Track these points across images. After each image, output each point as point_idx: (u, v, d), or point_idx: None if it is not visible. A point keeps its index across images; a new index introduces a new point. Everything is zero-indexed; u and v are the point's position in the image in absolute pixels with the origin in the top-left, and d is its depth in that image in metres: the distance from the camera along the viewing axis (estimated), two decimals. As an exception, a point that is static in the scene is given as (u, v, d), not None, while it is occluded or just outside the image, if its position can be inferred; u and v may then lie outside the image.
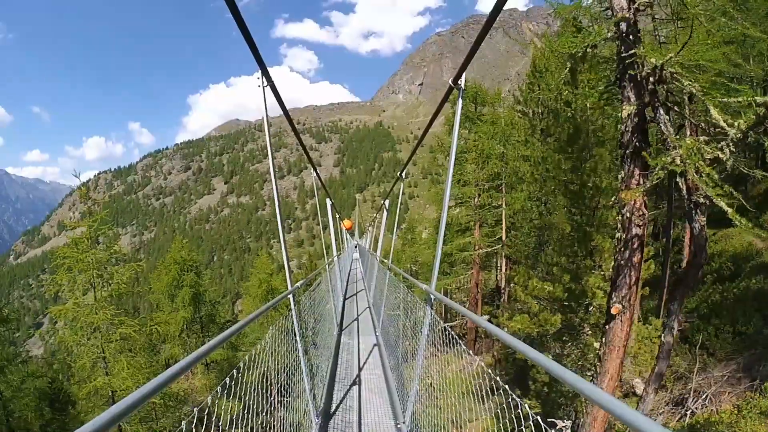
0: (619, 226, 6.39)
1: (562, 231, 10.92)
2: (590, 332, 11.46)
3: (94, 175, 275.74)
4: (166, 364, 23.69)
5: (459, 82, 3.45)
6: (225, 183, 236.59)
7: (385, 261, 10.54)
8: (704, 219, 5.68)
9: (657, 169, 5.29)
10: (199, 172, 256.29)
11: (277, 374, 3.96)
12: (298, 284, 4.84)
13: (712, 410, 10.89)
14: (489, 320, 24.99)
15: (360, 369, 7.44)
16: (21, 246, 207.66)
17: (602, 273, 10.68)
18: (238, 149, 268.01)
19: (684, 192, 5.54)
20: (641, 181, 6.13)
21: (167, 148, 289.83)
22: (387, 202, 12.08)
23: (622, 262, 6.26)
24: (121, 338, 12.36)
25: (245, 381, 2.66)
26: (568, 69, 8.16)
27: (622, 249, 6.31)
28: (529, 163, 20.04)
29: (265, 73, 3.58)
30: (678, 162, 5.08)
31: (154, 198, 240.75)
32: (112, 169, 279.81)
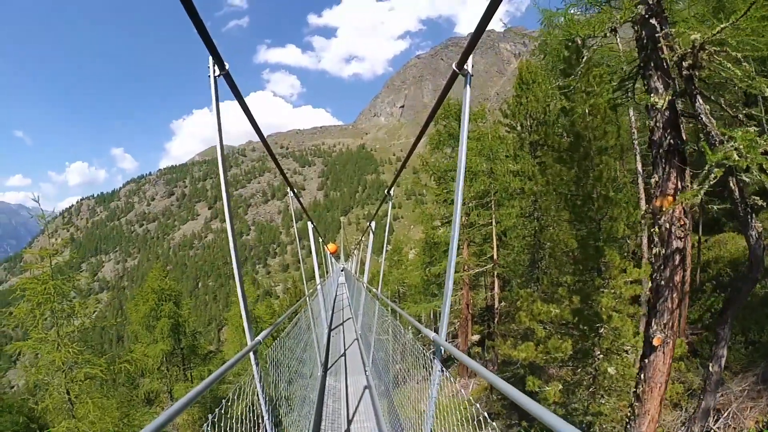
0: (656, 239, 5.34)
1: (565, 247, 9.92)
2: (602, 357, 10.42)
3: (77, 201, 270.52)
4: (146, 398, 22.11)
5: (465, 67, 2.97)
6: (209, 208, 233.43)
7: (373, 290, 9.50)
8: (761, 225, 4.66)
9: (709, 166, 4.26)
10: (182, 197, 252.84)
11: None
12: (259, 338, 3.81)
13: (735, 429, 9.92)
14: (475, 343, 23.93)
15: (349, 422, 6.23)
16: (2, 273, 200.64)
17: (613, 292, 9.67)
18: (230, 195, 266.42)
19: (736, 194, 4.53)
20: (678, 185, 5.12)
21: (150, 174, 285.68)
22: (373, 224, 11.14)
23: (662, 282, 5.20)
24: (86, 378, 11.14)
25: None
26: (562, 68, 7.22)
27: (661, 267, 5.26)
28: (519, 178, 19.17)
29: (218, 60, 2.89)
30: (736, 157, 4.07)
31: (137, 224, 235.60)
32: (95, 195, 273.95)
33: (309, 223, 11.73)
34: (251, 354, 3.55)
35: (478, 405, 2.51)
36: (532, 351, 9.62)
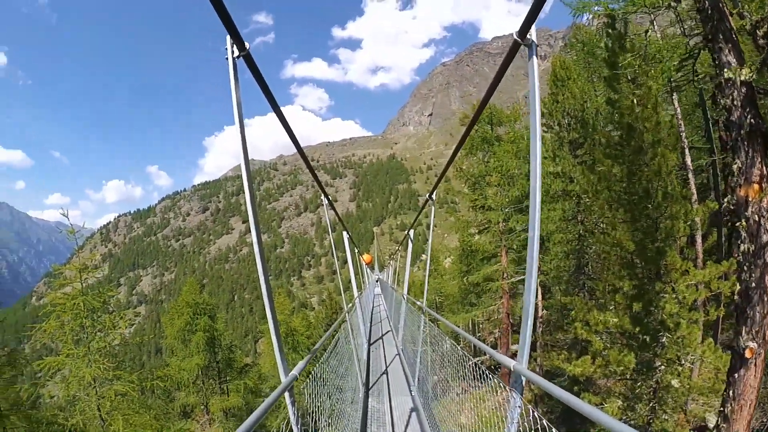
0: (744, 234, 4.62)
1: (621, 249, 9.12)
2: (665, 368, 9.52)
3: (114, 218, 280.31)
4: (182, 411, 22.10)
5: (528, 36, 2.71)
6: (243, 222, 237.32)
7: (418, 302, 8.94)
8: None
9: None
10: (217, 212, 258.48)
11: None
12: (295, 372, 3.33)
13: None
14: (515, 354, 22.74)
15: None
16: (43, 287, 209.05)
17: (675, 297, 8.82)
18: (255, 188, 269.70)
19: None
20: (764, 171, 4.42)
21: (185, 190, 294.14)
22: (411, 232, 10.62)
23: (752, 283, 4.49)
24: (116, 395, 10.98)
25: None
26: (605, 57, 6.58)
27: (750, 266, 4.54)
28: (560, 179, 18.32)
29: (236, 40, 2.59)
30: None
31: (173, 239, 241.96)
32: (132, 212, 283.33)
33: (345, 233, 11.33)
34: (286, 393, 3.10)
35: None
36: (589, 365, 8.83)
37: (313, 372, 4.35)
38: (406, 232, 11.46)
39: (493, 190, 20.83)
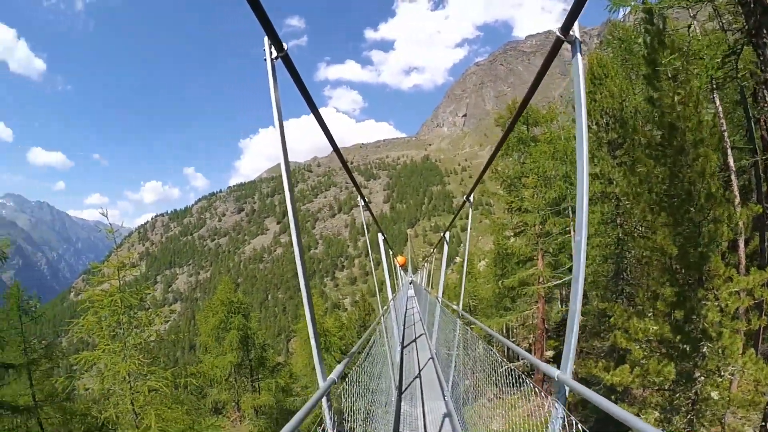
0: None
1: (662, 254, 8.76)
2: (704, 379, 9.08)
3: (152, 218, 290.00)
4: (214, 407, 22.59)
5: (571, 33, 2.68)
6: (277, 223, 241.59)
7: (453, 305, 8.82)
8: None
9: None
10: (252, 213, 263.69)
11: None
12: (333, 376, 3.31)
13: None
14: (550, 360, 22.24)
15: None
16: (81, 284, 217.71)
17: (717, 305, 8.41)
18: (294, 191, 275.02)
19: None
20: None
21: (221, 191, 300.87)
22: (447, 235, 10.53)
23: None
24: (150, 390, 11.29)
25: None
26: (645, 54, 6.34)
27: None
28: (599, 180, 17.82)
29: (274, 41, 2.65)
30: None
31: (209, 239, 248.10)
32: (169, 212, 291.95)
33: (380, 235, 11.32)
34: (323, 400, 3.07)
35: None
36: (627, 374, 8.52)
37: (348, 375, 4.34)
38: (441, 234, 11.38)
39: (529, 192, 20.51)
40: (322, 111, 3.47)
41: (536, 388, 3.60)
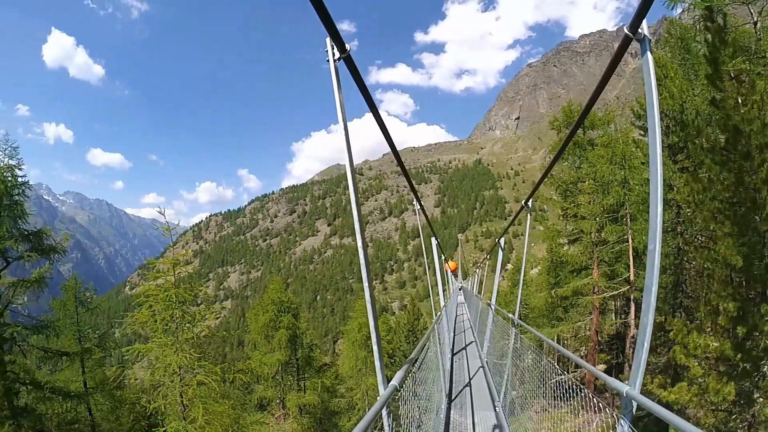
0: None
1: (726, 267, 8.23)
2: (762, 400, 8.43)
3: (206, 217, 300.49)
4: (259, 404, 23.11)
5: (640, 30, 2.65)
6: (328, 225, 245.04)
7: (509, 314, 8.63)
8: None
9: None
10: (303, 215, 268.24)
11: None
12: (395, 382, 3.31)
13: None
14: (607, 371, 21.23)
15: None
16: (136, 278, 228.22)
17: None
18: (340, 192, 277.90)
19: None
20: None
21: (273, 193, 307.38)
22: (502, 240, 10.34)
23: None
24: (199, 384, 11.69)
25: None
26: (707, 53, 6.01)
27: None
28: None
29: (337, 42, 2.73)
30: None
31: (261, 239, 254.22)
32: (223, 212, 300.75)
33: (433, 239, 11.24)
34: (384, 411, 3.00)
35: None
36: (685, 392, 8.03)
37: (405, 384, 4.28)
38: (494, 240, 11.24)
39: (585, 198, 19.82)
40: (370, 116, 3.54)
41: (608, 408, 3.41)
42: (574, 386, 4.11)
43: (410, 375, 4.47)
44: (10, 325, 10.09)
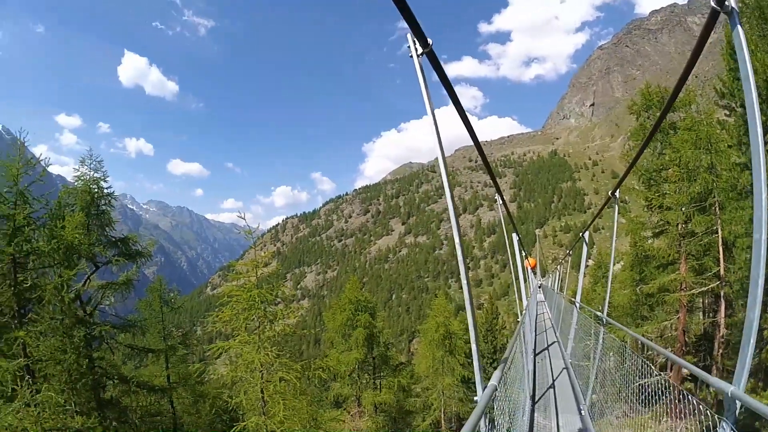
0: None
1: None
2: None
3: (282, 220, 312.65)
4: (335, 401, 23.64)
5: (727, 3, 2.56)
6: (402, 224, 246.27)
7: (599, 313, 8.24)
8: None
9: None
10: (377, 214, 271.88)
11: None
12: (494, 381, 3.30)
13: None
14: (687, 378, 19.48)
15: None
16: (217, 279, 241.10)
17: None
18: (413, 191, 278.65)
19: None
20: None
21: (347, 194, 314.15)
22: (586, 235, 9.92)
23: None
24: (280, 380, 12.13)
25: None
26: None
27: None
28: (750, 170, 15.43)
29: (419, 37, 2.78)
30: None
31: (336, 240, 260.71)
32: (298, 214, 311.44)
33: (514, 235, 11.01)
34: (483, 419, 2.94)
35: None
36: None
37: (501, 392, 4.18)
38: (575, 234, 10.77)
39: (671, 187, 18.49)
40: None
41: (708, 410, 3.20)
42: (667, 387, 3.95)
43: (505, 374, 4.37)
44: (100, 324, 10.86)
